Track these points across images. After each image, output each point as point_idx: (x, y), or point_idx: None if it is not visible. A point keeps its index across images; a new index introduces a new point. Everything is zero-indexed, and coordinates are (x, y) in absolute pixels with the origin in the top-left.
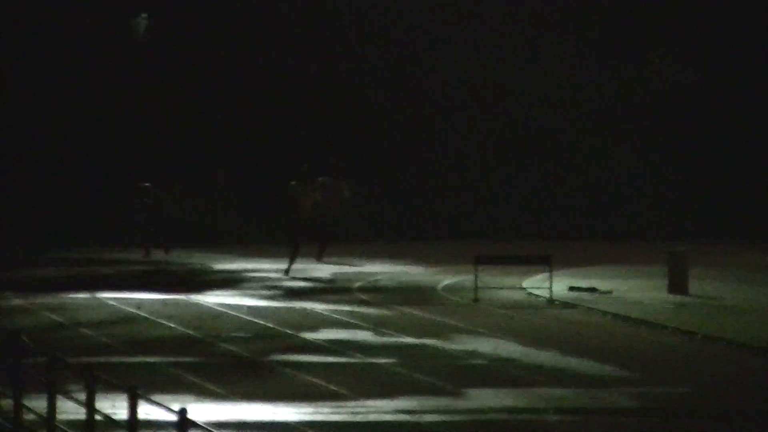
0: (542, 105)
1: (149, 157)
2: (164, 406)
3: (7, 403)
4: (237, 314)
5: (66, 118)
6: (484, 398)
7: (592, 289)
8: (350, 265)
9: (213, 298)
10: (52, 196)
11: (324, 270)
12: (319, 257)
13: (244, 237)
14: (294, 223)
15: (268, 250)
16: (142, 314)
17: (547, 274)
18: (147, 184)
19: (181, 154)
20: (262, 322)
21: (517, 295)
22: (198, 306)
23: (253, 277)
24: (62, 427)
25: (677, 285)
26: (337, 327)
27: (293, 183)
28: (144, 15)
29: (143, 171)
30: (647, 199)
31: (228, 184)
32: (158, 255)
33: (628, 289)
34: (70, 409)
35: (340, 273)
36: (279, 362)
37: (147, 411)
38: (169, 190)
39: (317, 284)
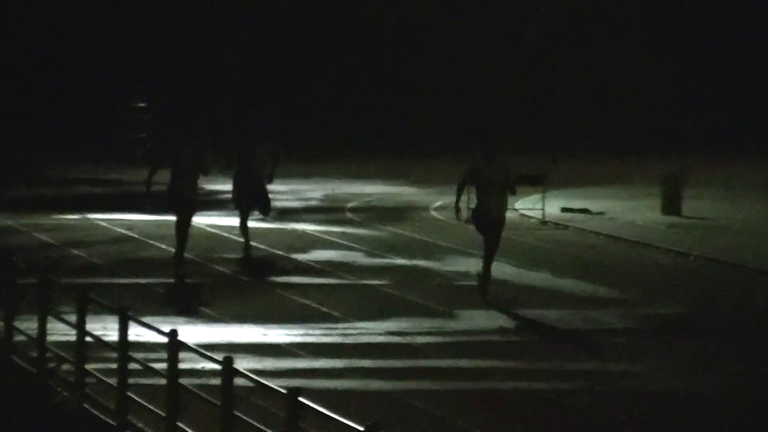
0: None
1: (144, 78)
2: (155, 328)
3: None
4: (229, 235)
5: (65, 36)
6: (476, 319)
7: (585, 210)
8: (343, 185)
9: (205, 219)
10: (48, 114)
11: (316, 190)
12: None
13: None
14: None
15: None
16: (134, 235)
17: (539, 195)
18: (142, 104)
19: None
20: (253, 243)
21: (509, 216)
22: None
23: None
24: (53, 348)
25: (671, 206)
26: (329, 248)
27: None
28: None
29: (138, 91)
30: (643, 115)
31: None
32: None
33: (622, 209)
34: (60, 330)
35: (333, 193)
36: (270, 283)
37: (138, 333)
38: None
39: (309, 204)
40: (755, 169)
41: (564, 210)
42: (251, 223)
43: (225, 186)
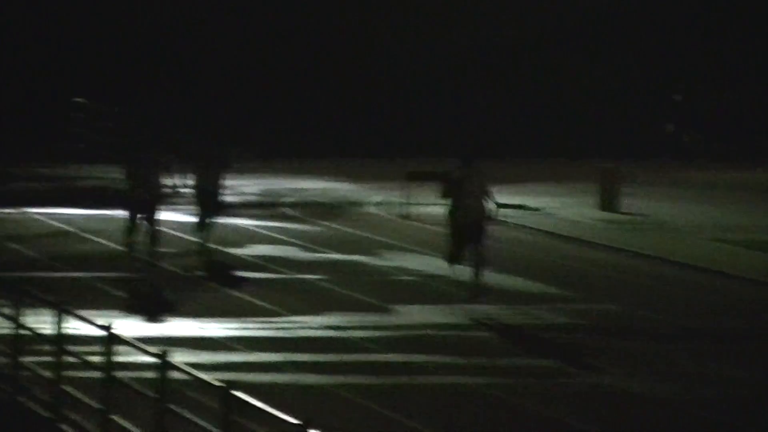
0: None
1: (89, 75)
2: (91, 322)
3: None
4: (166, 229)
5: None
6: (412, 314)
7: (521, 206)
8: (281, 181)
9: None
10: None
11: (254, 186)
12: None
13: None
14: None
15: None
16: (71, 229)
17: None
18: (81, 100)
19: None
20: (191, 238)
21: (445, 212)
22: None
23: (183, 193)
24: None
25: (608, 203)
26: (266, 243)
27: None
28: None
29: (81, 87)
30: (581, 116)
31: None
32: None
33: (558, 206)
34: None
35: (271, 189)
36: (207, 278)
37: (74, 326)
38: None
39: (247, 200)
40: (695, 169)
41: (500, 206)
42: (187, 218)
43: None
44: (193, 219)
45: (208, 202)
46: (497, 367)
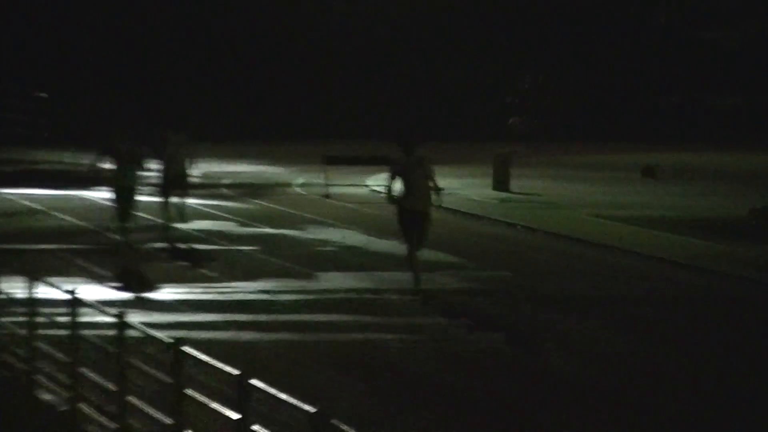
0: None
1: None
2: (57, 287)
3: None
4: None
5: None
6: (334, 280)
7: None
8: (217, 165)
9: (99, 194)
10: None
11: (194, 169)
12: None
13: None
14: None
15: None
16: (39, 207)
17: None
18: (43, 95)
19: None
20: (141, 215)
21: (361, 192)
22: (87, 200)
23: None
24: None
25: (501, 183)
26: (207, 219)
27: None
28: None
29: (40, 79)
30: (484, 103)
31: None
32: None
33: (459, 186)
34: None
35: (209, 171)
36: (156, 249)
37: (43, 291)
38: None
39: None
40: (592, 152)
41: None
42: (137, 197)
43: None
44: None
45: (177, 185)
46: (408, 324)
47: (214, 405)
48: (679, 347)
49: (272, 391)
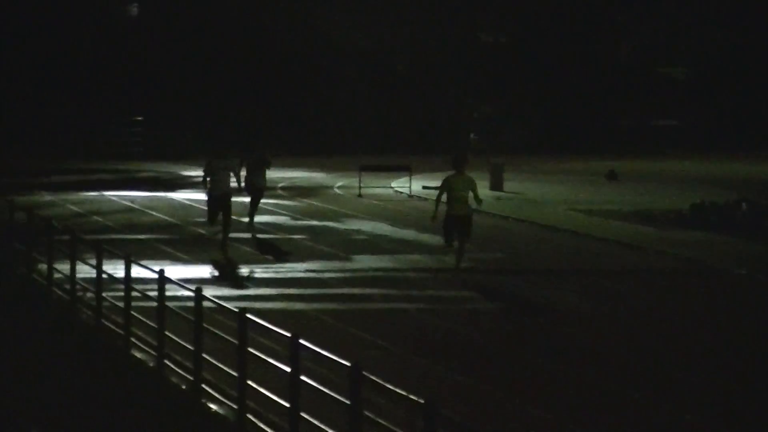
0: (402, 58)
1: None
2: (149, 268)
3: (43, 267)
4: (199, 206)
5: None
6: (366, 261)
7: (437, 188)
8: (275, 172)
9: (182, 195)
10: (66, 120)
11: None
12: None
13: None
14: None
15: None
16: (135, 206)
17: (408, 178)
18: (139, 118)
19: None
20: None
21: (387, 192)
22: (173, 200)
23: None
24: (81, 282)
25: (496, 184)
26: (266, 214)
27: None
28: None
29: (136, 106)
30: (476, 122)
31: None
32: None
33: None
34: (85, 271)
35: (269, 177)
36: (227, 238)
37: (137, 271)
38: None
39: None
40: (566, 161)
41: (424, 187)
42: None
43: (193, 172)
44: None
45: (257, 194)
46: (424, 296)
47: (271, 360)
48: (630, 307)
49: (317, 349)
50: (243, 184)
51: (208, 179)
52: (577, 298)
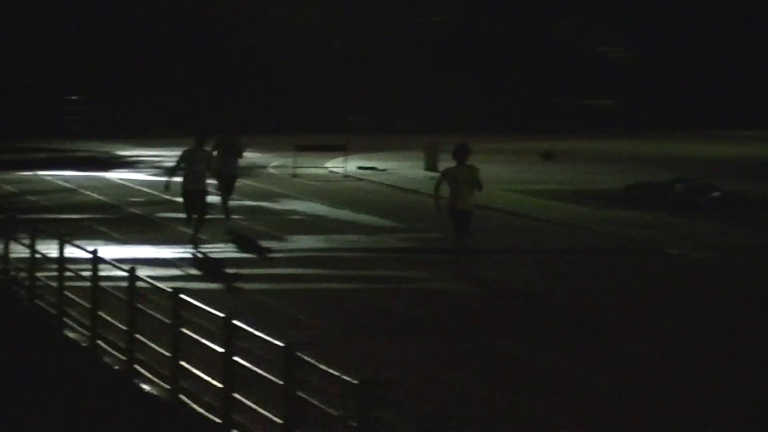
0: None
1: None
2: (83, 248)
3: None
4: (135, 186)
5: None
6: (302, 242)
7: (374, 168)
8: None
9: (118, 175)
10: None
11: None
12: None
13: (143, 131)
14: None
15: (162, 141)
16: (70, 186)
17: (343, 158)
18: (75, 97)
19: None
20: (152, 192)
21: (322, 172)
22: (108, 180)
23: (145, 160)
24: (13, 262)
25: (430, 165)
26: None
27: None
28: None
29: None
30: (420, 103)
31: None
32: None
33: (398, 167)
34: (19, 250)
35: None
36: (163, 219)
37: (71, 251)
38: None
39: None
40: (503, 140)
41: (360, 168)
42: (149, 178)
43: (130, 152)
44: (149, 177)
45: (229, 184)
46: (360, 275)
47: (204, 341)
48: (568, 282)
49: (250, 329)
50: (216, 173)
51: (178, 170)
52: (520, 273)
